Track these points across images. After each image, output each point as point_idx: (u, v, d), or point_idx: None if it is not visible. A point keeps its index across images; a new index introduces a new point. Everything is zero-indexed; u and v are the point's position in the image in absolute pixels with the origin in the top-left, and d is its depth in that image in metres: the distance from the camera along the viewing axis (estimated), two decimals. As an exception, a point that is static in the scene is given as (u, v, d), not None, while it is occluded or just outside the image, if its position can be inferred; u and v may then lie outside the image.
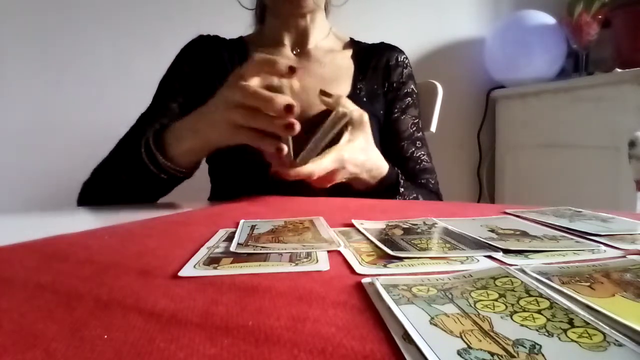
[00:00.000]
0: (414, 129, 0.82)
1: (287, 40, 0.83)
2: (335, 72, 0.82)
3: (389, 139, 0.81)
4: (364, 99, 0.80)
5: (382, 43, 0.89)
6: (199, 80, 0.79)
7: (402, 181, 0.68)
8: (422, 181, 0.79)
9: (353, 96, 0.80)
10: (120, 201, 0.64)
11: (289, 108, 0.49)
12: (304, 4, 0.77)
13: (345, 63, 0.84)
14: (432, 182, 0.80)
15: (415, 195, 0.70)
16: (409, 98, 0.84)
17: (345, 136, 0.60)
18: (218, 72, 0.80)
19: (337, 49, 0.86)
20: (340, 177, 0.59)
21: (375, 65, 0.84)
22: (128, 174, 0.63)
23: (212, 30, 0.87)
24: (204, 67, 0.80)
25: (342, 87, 0.80)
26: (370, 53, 0.86)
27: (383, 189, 0.65)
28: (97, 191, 0.69)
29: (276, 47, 0.83)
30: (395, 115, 0.82)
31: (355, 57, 0.85)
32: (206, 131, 0.57)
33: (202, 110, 0.58)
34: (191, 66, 0.81)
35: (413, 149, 0.81)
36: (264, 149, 0.53)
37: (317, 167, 0.54)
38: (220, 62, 0.80)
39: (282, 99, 0.50)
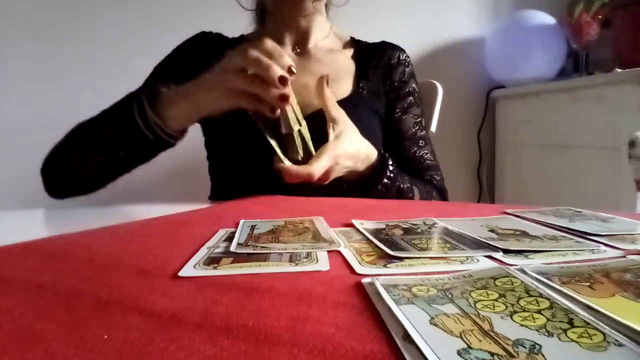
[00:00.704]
0: (416, 128, 0.82)
1: (288, 40, 0.83)
2: (337, 72, 0.82)
3: (391, 139, 0.82)
4: (366, 98, 0.80)
5: (383, 42, 0.89)
6: (194, 74, 0.80)
7: (390, 161, 0.68)
8: (427, 178, 0.80)
9: (355, 95, 0.80)
10: (88, 165, 0.64)
11: (282, 80, 0.53)
12: (304, 8, 0.77)
13: (346, 62, 0.84)
14: (437, 178, 0.81)
15: (409, 185, 0.70)
16: (410, 97, 0.84)
17: (331, 132, 0.61)
18: None
19: (338, 49, 0.87)
20: (336, 173, 0.60)
21: (377, 64, 0.84)
22: (112, 130, 0.64)
23: (212, 29, 0.87)
24: (202, 63, 0.80)
25: (344, 86, 0.80)
26: (372, 52, 0.86)
27: (371, 173, 0.66)
28: (67, 152, 0.69)
29: None
30: (397, 115, 0.82)
31: (356, 57, 0.85)
32: (202, 94, 0.59)
33: (200, 76, 0.61)
34: (189, 59, 0.81)
35: (416, 149, 0.81)
36: (261, 111, 0.57)
37: (315, 168, 0.55)
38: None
39: (279, 70, 0.54)
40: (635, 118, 1.13)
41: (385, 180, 0.67)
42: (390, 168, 0.67)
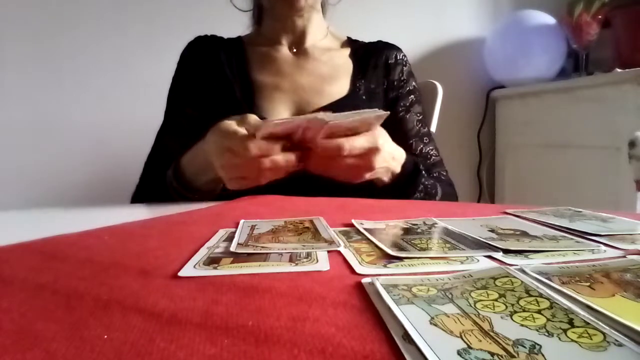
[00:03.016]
0: (419, 125, 0.83)
1: (285, 40, 0.84)
2: (334, 71, 0.82)
3: (396, 138, 0.81)
4: (363, 97, 0.80)
5: (380, 41, 0.89)
6: (201, 84, 0.80)
7: (420, 164, 0.69)
8: (435, 174, 0.80)
9: (352, 94, 0.80)
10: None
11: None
12: (298, 6, 0.77)
13: (343, 62, 0.84)
14: (444, 173, 0.82)
15: (432, 181, 0.71)
16: (412, 95, 0.84)
17: (375, 126, 0.59)
18: (216, 74, 0.80)
19: (335, 48, 0.87)
20: (378, 164, 0.58)
21: (375, 63, 0.84)
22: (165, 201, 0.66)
23: (212, 29, 0.87)
24: (203, 70, 0.81)
25: (341, 85, 0.81)
26: (369, 51, 0.86)
27: (406, 175, 0.65)
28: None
29: (274, 47, 0.83)
30: (401, 114, 0.83)
31: (353, 56, 0.86)
32: (214, 170, 0.59)
33: (203, 149, 0.60)
34: (192, 73, 0.82)
35: (421, 146, 0.81)
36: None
37: (346, 141, 0.53)
38: (218, 64, 0.81)
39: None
40: (635, 118, 1.13)
41: (423, 181, 0.67)
42: (422, 171, 0.67)
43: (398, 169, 0.65)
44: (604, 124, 1.24)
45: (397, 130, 0.82)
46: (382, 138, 0.58)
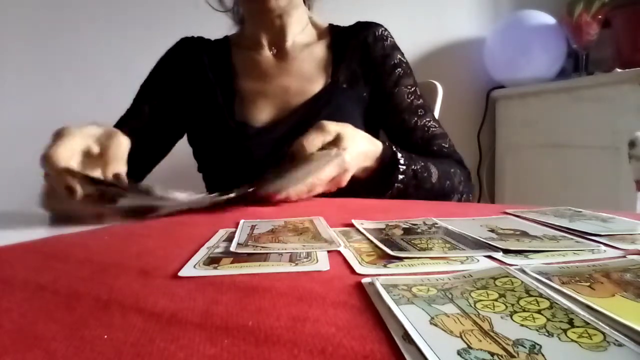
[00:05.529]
0: (411, 98, 0.79)
1: (265, 40, 0.83)
2: (315, 67, 0.81)
3: (389, 115, 0.79)
4: (344, 86, 0.79)
5: (357, 23, 0.86)
6: (176, 85, 0.81)
7: (398, 151, 0.64)
8: (435, 148, 0.76)
9: (332, 85, 0.79)
10: None
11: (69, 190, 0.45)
12: (270, 7, 0.75)
13: (322, 54, 0.83)
14: (446, 146, 0.77)
15: (423, 163, 0.66)
16: (398, 69, 0.81)
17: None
18: (197, 77, 0.81)
19: (314, 41, 0.85)
20: (347, 179, 0.57)
21: (354, 45, 0.82)
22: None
23: (212, 30, 0.88)
24: (183, 72, 0.82)
25: (320, 80, 0.80)
26: (347, 36, 0.83)
27: (383, 165, 0.62)
28: None
29: (256, 50, 0.83)
30: (389, 89, 0.80)
31: (333, 44, 0.84)
32: None
33: None
34: (170, 71, 0.83)
35: (416, 119, 0.78)
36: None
37: (317, 179, 0.53)
38: (201, 67, 0.81)
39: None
40: (635, 118, 1.13)
41: (402, 169, 0.62)
42: (399, 157, 0.63)
43: (373, 164, 0.62)
44: (604, 124, 1.24)
45: (388, 107, 0.79)
46: (348, 142, 0.56)
